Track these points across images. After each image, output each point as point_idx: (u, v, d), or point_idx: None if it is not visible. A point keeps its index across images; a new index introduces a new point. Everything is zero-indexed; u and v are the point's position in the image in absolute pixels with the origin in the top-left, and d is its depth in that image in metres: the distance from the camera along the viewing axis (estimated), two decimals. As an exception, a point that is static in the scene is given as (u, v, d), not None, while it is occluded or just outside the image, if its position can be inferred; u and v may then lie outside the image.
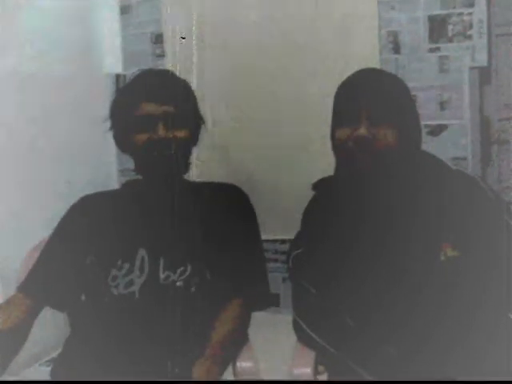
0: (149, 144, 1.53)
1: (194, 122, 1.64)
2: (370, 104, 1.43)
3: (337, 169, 1.57)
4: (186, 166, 1.64)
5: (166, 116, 1.53)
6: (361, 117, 1.42)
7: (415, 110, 1.53)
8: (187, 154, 1.63)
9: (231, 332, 1.47)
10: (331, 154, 1.54)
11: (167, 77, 1.64)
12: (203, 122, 1.69)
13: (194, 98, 1.67)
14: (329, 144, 1.54)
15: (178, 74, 1.68)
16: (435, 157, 1.58)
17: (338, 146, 1.50)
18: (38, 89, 2.55)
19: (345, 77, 1.53)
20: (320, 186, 1.66)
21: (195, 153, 1.67)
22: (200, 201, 1.63)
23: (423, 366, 1.31)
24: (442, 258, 1.39)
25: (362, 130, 1.41)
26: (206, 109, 1.71)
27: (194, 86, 1.69)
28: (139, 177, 1.66)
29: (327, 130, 1.54)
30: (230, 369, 1.52)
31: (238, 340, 1.52)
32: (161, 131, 1.52)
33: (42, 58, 2.58)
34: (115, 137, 1.65)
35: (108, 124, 1.65)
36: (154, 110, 1.53)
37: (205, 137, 1.71)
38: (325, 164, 1.59)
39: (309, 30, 2.64)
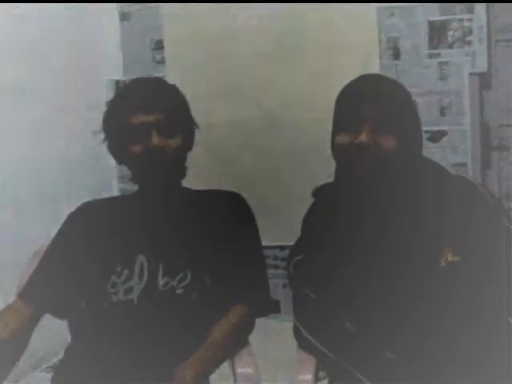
0: (144, 153, 1.53)
1: (187, 127, 1.64)
2: (371, 110, 1.42)
3: (337, 175, 1.57)
4: (182, 171, 1.64)
5: (159, 124, 1.53)
6: (362, 123, 1.42)
7: (417, 115, 1.53)
8: (182, 159, 1.63)
9: (226, 336, 1.47)
10: (331, 162, 1.54)
11: (156, 84, 1.64)
12: (197, 127, 1.69)
13: (186, 104, 1.67)
14: (328, 152, 1.53)
15: (177, 79, 1.68)
16: (435, 162, 1.58)
17: (338, 151, 1.50)
18: (38, 95, 2.55)
19: (345, 82, 1.53)
20: (320, 192, 1.66)
21: (193, 158, 1.66)
22: (200, 207, 1.63)
23: (423, 371, 1.31)
24: (443, 263, 1.39)
25: (363, 137, 1.41)
26: (205, 114, 1.71)
27: (193, 91, 1.69)
28: (137, 186, 1.66)
29: (327, 138, 1.54)
30: (230, 375, 1.52)
31: (233, 344, 1.52)
32: (154, 139, 1.51)
33: (41, 64, 2.59)
34: (110, 148, 1.65)
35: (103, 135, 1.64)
36: (145, 118, 1.52)
37: (205, 143, 1.71)
38: (325, 170, 1.59)
39: (309, 37, 2.64)
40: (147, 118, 1.53)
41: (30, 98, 2.52)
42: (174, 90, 1.65)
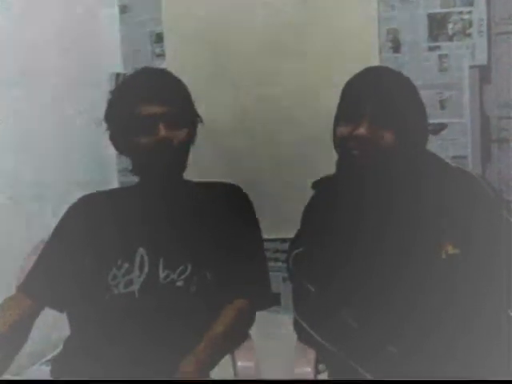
0: (150, 145, 1.52)
1: (191, 120, 1.64)
2: (372, 103, 1.42)
3: (338, 166, 1.57)
4: (184, 165, 1.63)
5: (166, 116, 1.53)
6: (362, 116, 1.42)
7: (422, 110, 1.52)
8: (186, 152, 1.62)
9: (226, 329, 1.47)
10: (331, 154, 1.54)
11: (163, 76, 1.64)
12: (201, 120, 1.69)
13: (190, 96, 1.67)
14: (328, 144, 1.53)
15: (177, 73, 1.68)
16: (435, 154, 1.58)
17: (338, 143, 1.50)
18: (37, 87, 2.55)
19: (345, 75, 1.53)
20: (320, 184, 1.66)
21: (193, 151, 1.66)
22: (200, 200, 1.64)
23: (424, 365, 1.32)
24: (443, 255, 1.39)
25: (362, 130, 1.41)
26: (205, 108, 1.70)
27: (193, 84, 1.68)
28: (137, 178, 1.66)
29: (327, 131, 1.54)
30: (230, 368, 1.53)
31: (234, 338, 1.52)
32: (162, 132, 1.51)
33: (40, 56, 2.58)
34: (112, 138, 1.64)
35: (105, 125, 1.64)
36: (154, 110, 1.52)
37: (204, 136, 1.71)
38: (324, 163, 1.58)
39: (309, 29, 2.64)
40: (156, 110, 1.52)
41: (29, 91, 2.51)
42: (179, 82, 1.65)
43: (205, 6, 2.79)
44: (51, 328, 2.08)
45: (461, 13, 2.44)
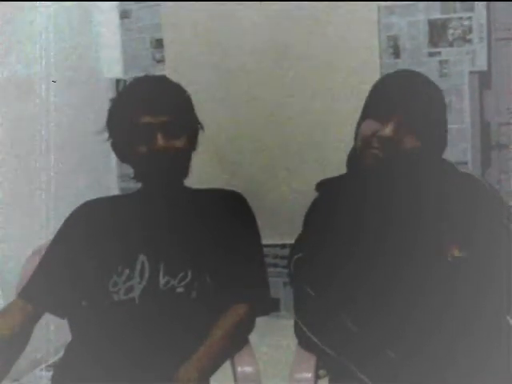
0: (148, 155, 1.53)
1: (191, 128, 1.64)
2: (403, 106, 1.41)
3: (349, 162, 1.56)
4: (186, 171, 1.63)
5: (164, 126, 1.52)
6: (391, 117, 1.41)
7: (445, 117, 1.52)
8: (186, 160, 1.62)
9: (226, 335, 1.47)
10: (331, 160, 1.54)
11: (162, 84, 1.63)
12: (201, 128, 1.68)
13: (191, 104, 1.66)
14: (328, 150, 1.53)
15: (177, 78, 1.67)
16: (443, 159, 1.57)
17: (361, 140, 1.48)
18: (37, 92, 2.55)
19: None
20: (323, 186, 1.65)
21: (193, 157, 1.66)
22: (200, 206, 1.63)
23: (423, 370, 1.31)
24: (449, 258, 1.39)
25: (388, 131, 1.40)
26: (205, 114, 1.71)
27: (193, 90, 1.68)
28: (139, 184, 1.66)
29: (327, 136, 1.53)
30: (230, 374, 1.52)
31: (234, 343, 1.52)
32: (160, 141, 1.51)
33: (42, 62, 2.59)
34: (114, 147, 1.64)
35: (106, 134, 1.64)
36: (151, 120, 1.52)
37: (205, 142, 1.71)
38: (324, 169, 1.58)
39: (310, 36, 2.64)
40: (153, 120, 1.52)
41: (29, 96, 2.52)
42: (179, 89, 1.64)
43: (204, 12, 2.80)
44: (53, 333, 2.08)
45: (461, 19, 2.45)
